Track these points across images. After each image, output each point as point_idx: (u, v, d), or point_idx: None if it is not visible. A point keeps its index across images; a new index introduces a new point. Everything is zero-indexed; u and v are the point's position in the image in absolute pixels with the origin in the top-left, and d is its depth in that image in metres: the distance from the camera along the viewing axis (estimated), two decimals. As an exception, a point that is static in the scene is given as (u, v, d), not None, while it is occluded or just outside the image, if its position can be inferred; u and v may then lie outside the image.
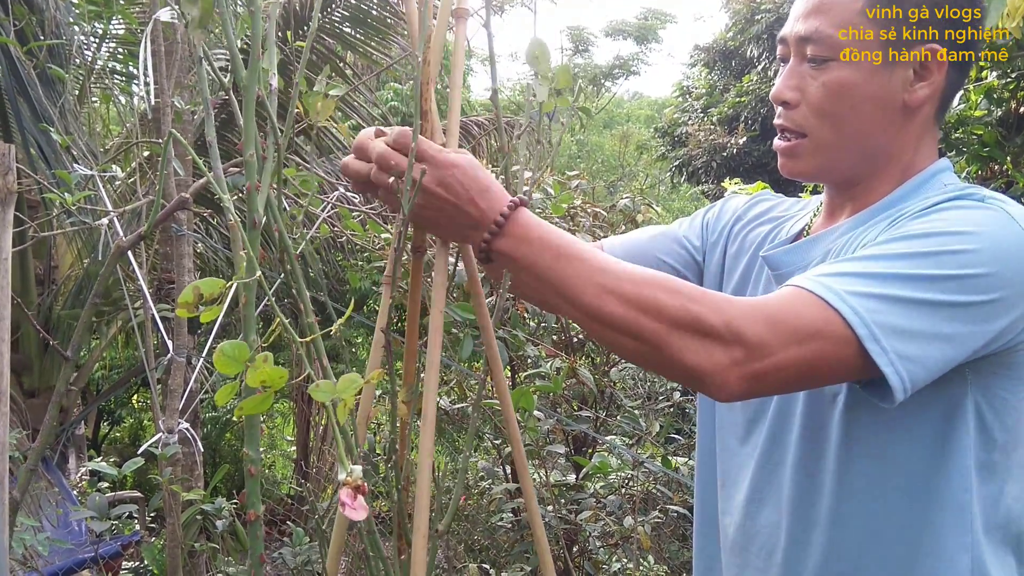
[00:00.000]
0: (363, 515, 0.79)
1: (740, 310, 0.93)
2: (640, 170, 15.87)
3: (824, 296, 0.93)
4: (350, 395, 0.78)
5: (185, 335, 2.70)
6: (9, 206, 1.06)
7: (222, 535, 2.70)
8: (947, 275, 0.94)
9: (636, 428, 3.11)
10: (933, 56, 1.07)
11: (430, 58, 1.10)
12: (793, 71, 1.12)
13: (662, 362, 0.95)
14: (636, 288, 0.95)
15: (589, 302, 0.96)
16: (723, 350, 0.91)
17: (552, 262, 0.98)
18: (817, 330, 0.92)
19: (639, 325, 0.93)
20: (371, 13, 5.99)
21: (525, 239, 1.00)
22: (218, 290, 0.75)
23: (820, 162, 1.13)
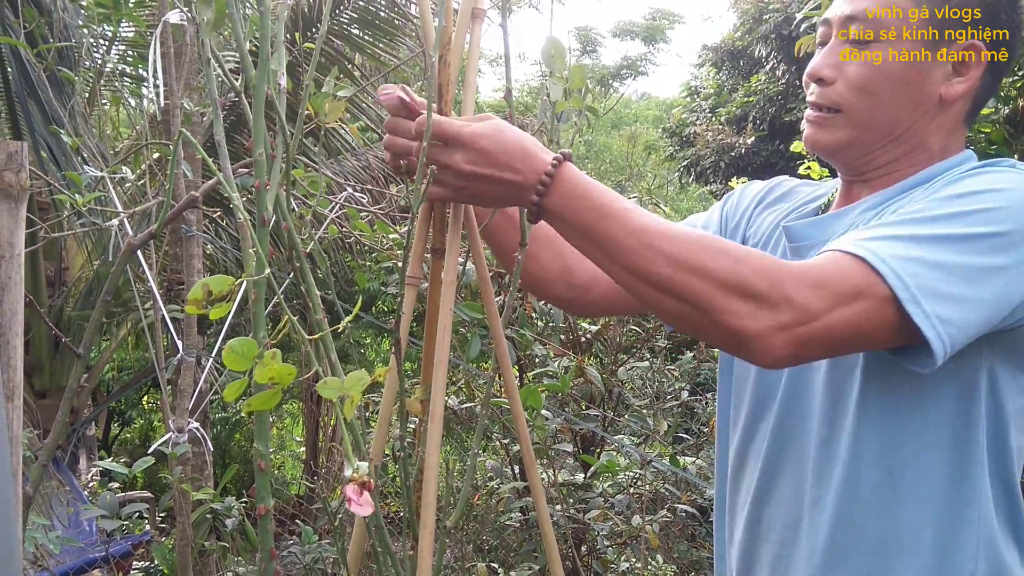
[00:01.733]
0: (369, 511, 0.80)
1: (787, 273, 0.93)
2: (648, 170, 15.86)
3: (867, 258, 0.93)
4: (358, 392, 0.79)
5: (195, 335, 2.71)
6: (22, 203, 1.07)
7: (232, 534, 2.71)
8: (981, 233, 0.94)
9: (644, 427, 3.12)
10: (975, 54, 1.08)
11: (450, 59, 1.10)
12: (833, 49, 1.12)
13: (705, 325, 0.94)
14: (683, 248, 0.94)
15: (634, 261, 0.95)
16: (770, 313, 0.90)
17: (597, 220, 0.97)
18: (860, 292, 0.92)
19: (685, 286, 0.92)
20: (379, 15, 6.01)
21: (572, 196, 0.99)
22: (227, 287, 0.76)
23: (848, 137, 1.12)
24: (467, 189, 1.02)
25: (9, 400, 0.85)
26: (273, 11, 1.01)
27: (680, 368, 3.42)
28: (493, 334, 1.24)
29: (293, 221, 1.01)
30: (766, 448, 1.19)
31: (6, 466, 0.64)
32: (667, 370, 3.38)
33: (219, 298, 0.74)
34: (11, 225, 1.04)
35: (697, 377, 3.72)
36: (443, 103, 1.20)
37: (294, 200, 1.80)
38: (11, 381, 0.96)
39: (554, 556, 1.21)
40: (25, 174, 1.06)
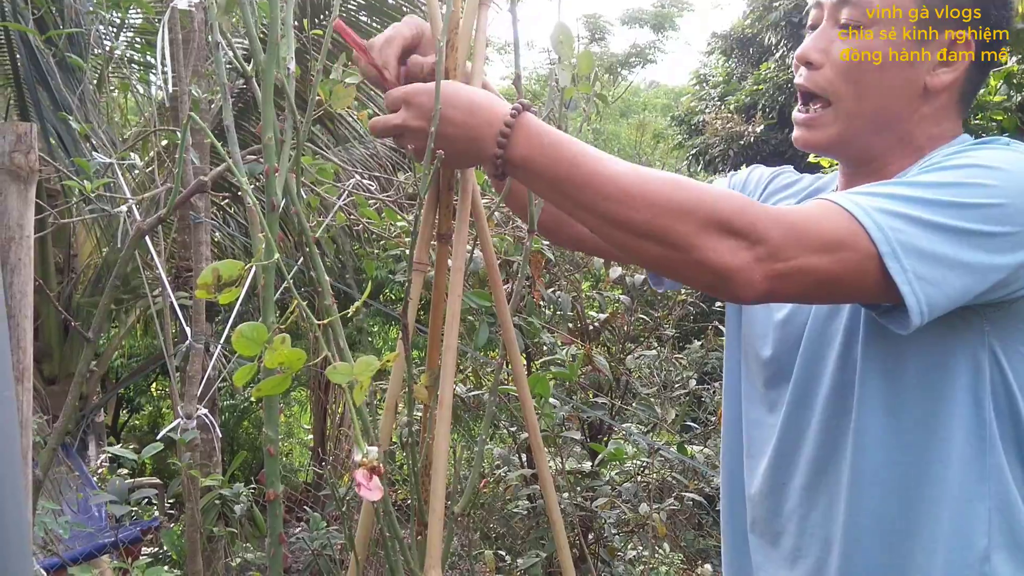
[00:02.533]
0: (378, 496, 0.80)
1: (765, 212, 0.94)
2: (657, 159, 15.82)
3: (851, 210, 0.93)
4: (367, 377, 0.79)
5: (203, 322, 2.72)
6: (31, 185, 1.07)
7: (240, 520, 2.72)
8: (971, 203, 0.94)
9: (652, 416, 3.12)
10: (961, 43, 1.08)
11: (457, 44, 1.10)
12: (823, 33, 1.13)
13: (687, 264, 0.93)
14: (662, 190, 0.93)
15: (613, 208, 0.94)
16: (748, 248, 0.91)
17: (569, 169, 0.96)
18: (841, 240, 0.93)
19: (666, 228, 0.92)
20: (387, 1, 6.00)
21: (539, 145, 0.98)
22: (237, 272, 0.76)
23: (838, 133, 1.13)
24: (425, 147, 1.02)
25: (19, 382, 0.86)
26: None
27: (688, 357, 3.42)
28: (501, 322, 1.24)
29: (302, 207, 1.01)
30: (776, 442, 1.19)
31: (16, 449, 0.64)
32: (675, 359, 3.38)
33: (229, 283, 0.74)
34: (20, 207, 1.04)
35: (704, 366, 3.72)
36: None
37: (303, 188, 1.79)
38: (21, 363, 0.97)
39: (562, 543, 1.21)
40: (34, 156, 1.06)
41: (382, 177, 4.32)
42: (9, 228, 1.01)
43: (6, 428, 0.63)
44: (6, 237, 0.99)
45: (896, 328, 0.97)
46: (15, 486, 0.62)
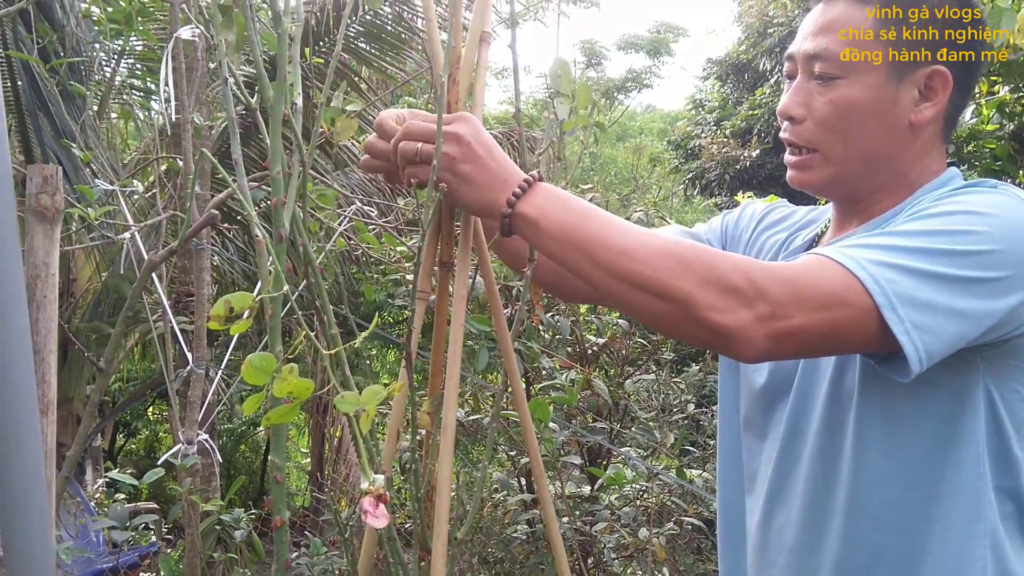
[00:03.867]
0: (384, 523, 0.82)
1: (764, 270, 0.95)
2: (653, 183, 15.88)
3: (845, 264, 0.95)
4: (374, 406, 0.81)
5: (204, 347, 2.73)
6: (56, 225, 1.09)
7: (239, 546, 2.72)
8: (961, 251, 0.96)
9: (651, 440, 3.12)
10: (938, 77, 1.10)
11: (458, 78, 1.13)
12: (800, 87, 1.15)
13: (687, 321, 0.95)
14: (663, 246, 0.97)
15: (615, 260, 0.97)
16: (748, 307, 0.93)
17: (579, 221, 0.99)
18: (839, 296, 0.94)
19: (666, 283, 0.94)
20: (385, 28, 6.05)
21: (551, 199, 1.02)
22: (248, 304, 0.77)
23: (831, 175, 1.16)
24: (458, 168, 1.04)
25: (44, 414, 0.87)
26: (289, 32, 1.03)
27: (686, 380, 3.43)
28: (502, 348, 1.25)
29: (308, 238, 1.03)
30: (771, 474, 1.20)
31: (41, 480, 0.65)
32: (673, 382, 3.39)
33: (239, 314, 0.76)
34: (47, 246, 1.06)
35: (703, 389, 3.73)
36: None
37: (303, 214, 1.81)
38: (45, 396, 0.99)
39: (563, 568, 1.22)
40: (60, 197, 1.09)
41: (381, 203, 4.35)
42: (35, 266, 1.03)
43: (32, 460, 0.65)
44: (32, 275, 1.01)
45: (895, 376, 0.99)
46: (42, 515, 0.64)
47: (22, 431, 0.64)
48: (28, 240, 1.04)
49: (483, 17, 1.24)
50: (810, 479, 1.14)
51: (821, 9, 1.15)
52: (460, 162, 1.03)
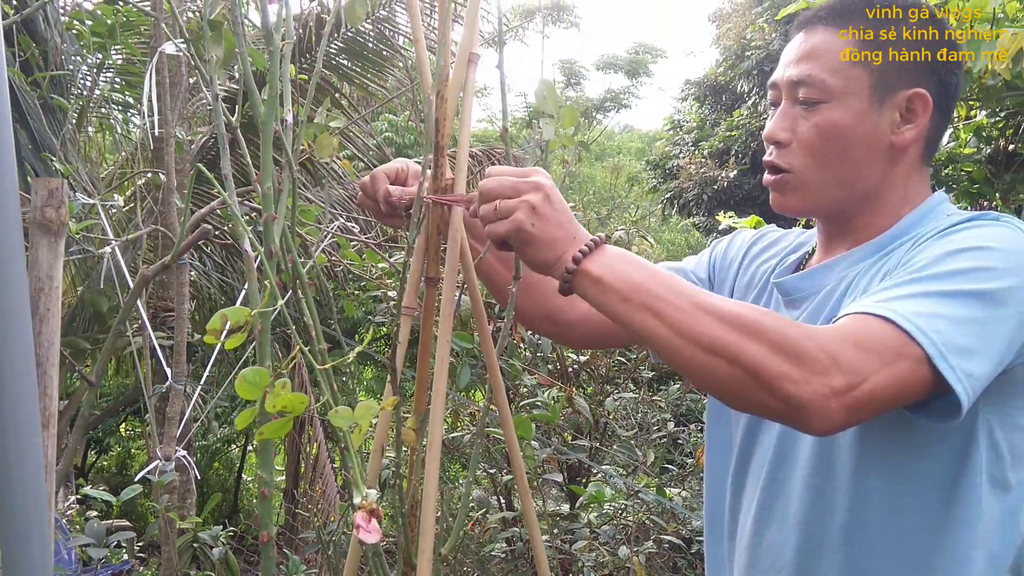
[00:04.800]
0: (376, 537, 0.82)
1: (830, 336, 0.94)
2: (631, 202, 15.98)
3: (894, 319, 0.94)
4: (367, 420, 0.81)
5: (184, 363, 2.72)
6: (60, 238, 1.09)
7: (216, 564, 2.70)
8: (989, 291, 0.97)
9: (631, 457, 3.13)
10: (918, 100, 1.13)
11: (447, 95, 1.14)
12: (785, 113, 1.17)
13: (757, 390, 0.91)
14: (734, 308, 0.95)
15: (684, 320, 0.94)
16: (822, 378, 0.90)
17: (646, 280, 0.98)
18: (898, 352, 0.93)
19: (737, 346, 0.91)
20: (367, 46, 6.08)
21: (618, 258, 1.01)
22: (244, 318, 0.78)
23: (808, 198, 1.18)
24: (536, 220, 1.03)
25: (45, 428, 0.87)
26: (280, 50, 1.04)
27: (665, 399, 3.45)
28: (488, 363, 1.26)
29: (297, 251, 1.04)
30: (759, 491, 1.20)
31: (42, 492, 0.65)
32: (652, 401, 3.41)
33: (235, 328, 0.76)
34: (50, 259, 1.06)
35: (680, 408, 3.74)
36: (440, 136, 1.23)
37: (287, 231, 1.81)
38: (47, 410, 0.98)
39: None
40: (64, 210, 1.09)
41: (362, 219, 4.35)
42: (39, 279, 1.03)
43: (33, 472, 0.65)
44: (36, 288, 1.01)
45: (935, 421, 0.99)
46: (42, 527, 0.64)
47: (24, 443, 0.64)
48: (32, 253, 1.04)
49: (471, 38, 1.25)
50: (799, 503, 1.14)
51: (802, 37, 1.18)
52: (537, 215, 1.02)
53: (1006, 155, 2.34)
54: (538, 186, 1.03)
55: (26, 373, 0.65)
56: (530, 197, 1.02)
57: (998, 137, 2.34)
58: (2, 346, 0.64)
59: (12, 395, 0.63)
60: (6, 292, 0.63)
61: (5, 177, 0.71)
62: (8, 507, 0.64)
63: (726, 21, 14.02)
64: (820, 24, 1.16)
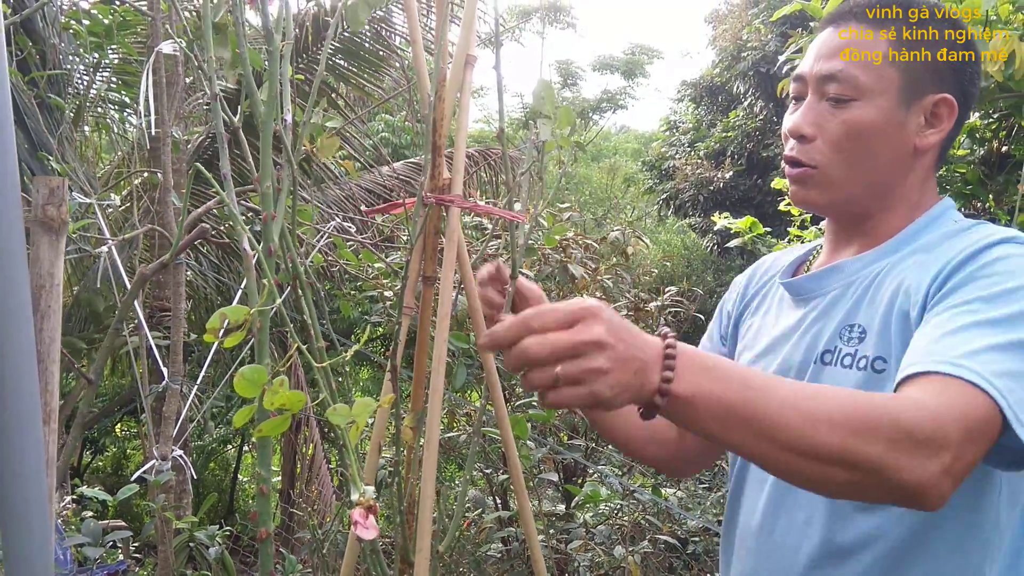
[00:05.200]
0: (374, 534, 0.83)
1: (942, 413, 0.89)
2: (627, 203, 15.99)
3: (977, 383, 0.91)
4: (364, 418, 0.82)
5: (180, 363, 2.72)
6: (62, 235, 1.10)
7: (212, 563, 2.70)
8: None
9: (627, 458, 3.14)
10: (945, 105, 1.13)
11: (444, 96, 1.15)
12: (812, 107, 1.16)
13: (879, 487, 0.87)
14: (843, 409, 0.87)
15: (796, 435, 0.85)
16: (935, 459, 0.87)
17: (741, 394, 0.86)
18: (986, 420, 0.91)
19: (856, 452, 0.85)
20: (363, 46, 6.08)
21: (702, 371, 0.86)
22: (243, 317, 0.79)
23: (830, 194, 1.17)
24: (609, 379, 0.82)
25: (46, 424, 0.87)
26: (280, 50, 1.05)
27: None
28: (485, 363, 1.27)
29: (296, 250, 1.04)
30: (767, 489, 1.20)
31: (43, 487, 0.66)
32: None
33: (234, 327, 0.77)
34: (51, 256, 1.07)
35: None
36: (437, 137, 1.24)
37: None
38: (48, 405, 0.99)
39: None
40: (66, 208, 1.09)
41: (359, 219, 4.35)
42: (40, 276, 1.03)
43: (35, 466, 0.65)
44: (37, 285, 1.01)
45: (1000, 468, 1.00)
46: (43, 521, 0.65)
47: (26, 438, 0.65)
48: (33, 251, 1.04)
49: (468, 40, 1.26)
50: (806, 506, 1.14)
51: (831, 32, 1.17)
52: (610, 375, 0.82)
53: (999, 157, 2.35)
54: (600, 343, 0.81)
55: (28, 369, 0.65)
56: (599, 363, 0.81)
57: (991, 139, 2.35)
58: (4, 342, 0.65)
59: (14, 391, 0.64)
60: (8, 289, 0.64)
61: (7, 176, 0.72)
62: (10, 501, 0.65)
63: (722, 22, 14.04)
64: (854, 20, 1.15)
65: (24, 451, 0.65)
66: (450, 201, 1.21)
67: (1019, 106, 1.98)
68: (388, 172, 6.27)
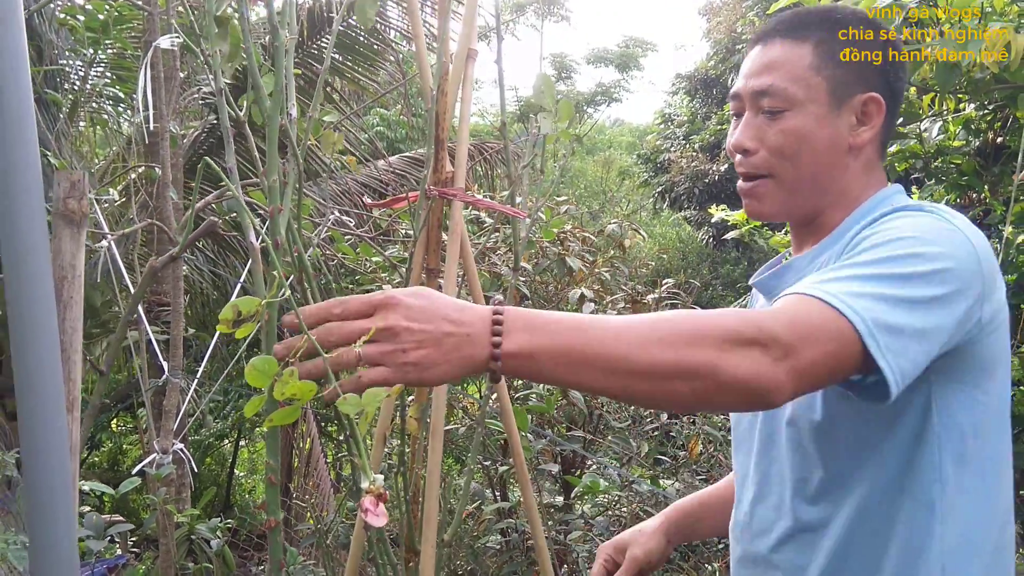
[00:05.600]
0: (383, 521, 0.84)
1: (767, 316, 0.98)
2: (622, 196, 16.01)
3: (827, 299, 0.99)
4: (374, 407, 0.83)
5: (180, 357, 2.73)
6: (83, 228, 1.11)
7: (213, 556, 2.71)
8: (916, 273, 1.03)
9: (625, 449, 3.16)
10: (873, 103, 1.21)
11: (447, 89, 1.16)
12: (749, 123, 1.24)
13: (718, 389, 0.94)
14: (672, 327, 0.94)
15: (635, 360, 0.92)
16: (764, 352, 0.94)
17: (577, 338, 0.92)
18: (829, 330, 0.97)
19: (690, 361, 0.92)
20: (359, 40, 6.08)
21: (534, 328, 0.93)
22: (254, 308, 0.80)
23: (782, 200, 1.25)
24: (410, 357, 0.89)
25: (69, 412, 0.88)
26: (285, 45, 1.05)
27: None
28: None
29: (302, 242, 1.05)
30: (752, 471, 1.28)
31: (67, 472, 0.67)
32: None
33: (246, 318, 0.78)
34: (73, 248, 1.08)
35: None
36: (440, 130, 1.25)
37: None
38: (71, 394, 1.00)
39: (546, 565, 1.25)
40: (87, 201, 1.10)
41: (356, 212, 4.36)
42: (63, 268, 1.04)
43: (59, 453, 0.67)
44: (59, 276, 1.02)
45: (871, 401, 1.04)
46: (67, 506, 0.66)
47: (50, 426, 0.66)
48: (55, 243, 1.05)
49: (469, 34, 1.27)
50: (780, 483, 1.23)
51: (760, 50, 1.26)
52: (410, 349, 0.89)
53: (994, 147, 2.37)
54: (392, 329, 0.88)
55: (51, 358, 0.67)
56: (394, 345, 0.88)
57: (986, 130, 2.36)
58: (28, 332, 0.66)
59: (38, 380, 0.65)
60: (32, 280, 0.65)
61: (29, 170, 0.73)
62: (35, 486, 0.66)
63: (716, 15, 14.04)
64: (778, 37, 1.23)
65: (48, 438, 0.66)
66: (453, 195, 1.22)
67: (1014, 97, 1.99)
68: (384, 166, 6.28)
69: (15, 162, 0.67)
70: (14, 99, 0.74)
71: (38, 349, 0.66)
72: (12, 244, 0.67)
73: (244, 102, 1.12)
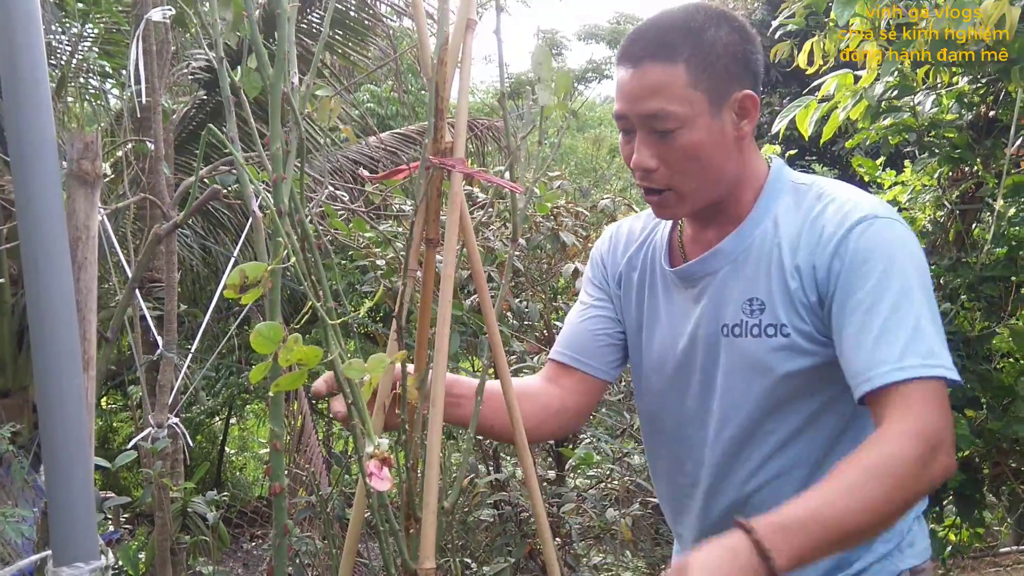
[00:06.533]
0: (388, 485, 0.85)
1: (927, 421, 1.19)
2: (613, 173, 15.98)
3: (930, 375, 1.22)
4: (378, 373, 0.84)
5: (175, 331, 2.73)
6: (96, 189, 1.12)
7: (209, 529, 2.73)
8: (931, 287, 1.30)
9: (619, 421, 3.18)
10: (749, 99, 1.35)
11: (446, 59, 1.16)
12: (645, 142, 1.35)
13: (926, 494, 1.25)
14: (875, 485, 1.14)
15: (870, 522, 1.14)
16: (942, 454, 1.18)
17: (821, 524, 1.10)
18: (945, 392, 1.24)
19: (905, 501, 1.17)
20: (349, 14, 6.03)
21: (786, 531, 1.08)
22: (260, 273, 0.80)
23: (689, 204, 1.39)
24: None
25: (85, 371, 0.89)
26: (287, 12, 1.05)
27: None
28: (487, 321, 1.29)
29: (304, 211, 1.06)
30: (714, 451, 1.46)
31: (84, 430, 0.68)
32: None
33: (253, 284, 0.79)
34: (87, 209, 1.08)
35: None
36: (440, 100, 1.25)
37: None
38: (87, 353, 1.00)
39: (547, 538, 1.26)
40: (100, 162, 1.11)
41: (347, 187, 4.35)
42: (77, 228, 1.05)
43: (76, 411, 0.67)
44: (74, 237, 1.03)
45: None
46: (85, 464, 0.67)
47: (67, 384, 0.67)
48: (69, 204, 1.06)
49: (469, 3, 1.27)
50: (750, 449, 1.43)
51: (634, 74, 1.34)
52: None
53: (987, 121, 2.38)
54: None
55: (68, 318, 0.67)
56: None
57: (979, 103, 2.37)
58: (44, 293, 0.67)
59: (55, 339, 0.66)
60: (47, 241, 0.66)
61: (44, 131, 0.73)
62: (53, 444, 0.67)
63: (707, -9, 13.98)
64: (648, 61, 1.33)
65: (65, 398, 0.67)
66: (452, 166, 1.22)
67: (1007, 70, 2.00)
68: (375, 143, 6.25)
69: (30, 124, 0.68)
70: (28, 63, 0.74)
71: (54, 309, 0.67)
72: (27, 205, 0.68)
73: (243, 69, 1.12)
